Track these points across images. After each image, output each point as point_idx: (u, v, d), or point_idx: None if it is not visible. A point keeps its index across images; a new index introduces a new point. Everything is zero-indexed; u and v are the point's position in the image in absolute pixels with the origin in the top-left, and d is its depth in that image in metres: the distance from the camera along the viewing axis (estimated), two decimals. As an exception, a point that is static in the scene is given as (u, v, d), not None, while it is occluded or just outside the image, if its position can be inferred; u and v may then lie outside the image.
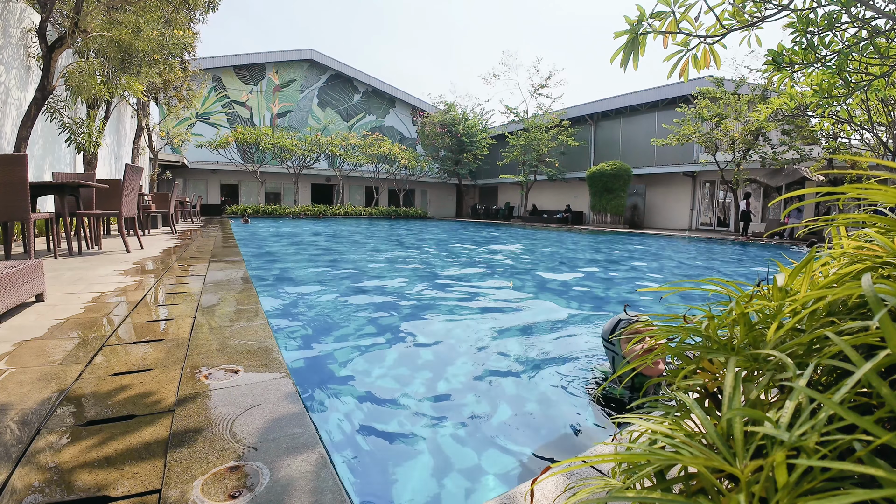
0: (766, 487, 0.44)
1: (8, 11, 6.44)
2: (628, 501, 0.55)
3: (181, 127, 22.01)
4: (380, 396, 2.10)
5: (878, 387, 0.42)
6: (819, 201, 4.15)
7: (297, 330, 3.14)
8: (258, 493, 0.95)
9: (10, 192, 3.83)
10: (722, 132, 15.11)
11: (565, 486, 0.97)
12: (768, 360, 0.62)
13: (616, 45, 1.81)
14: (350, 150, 25.35)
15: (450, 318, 3.56)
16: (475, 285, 5.09)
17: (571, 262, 7.66)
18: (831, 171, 12.05)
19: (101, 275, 3.65)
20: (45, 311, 2.42)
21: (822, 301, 0.61)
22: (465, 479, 1.50)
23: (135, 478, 1.00)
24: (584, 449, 1.70)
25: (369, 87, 31.59)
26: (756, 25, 1.87)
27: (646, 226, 21.07)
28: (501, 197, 31.53)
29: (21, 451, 1.09)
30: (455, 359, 2.66)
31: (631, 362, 1.59)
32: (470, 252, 8.89)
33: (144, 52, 6.88)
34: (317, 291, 4.49)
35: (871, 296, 0.47)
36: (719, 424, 0.53)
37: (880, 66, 2.31)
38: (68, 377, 1.54)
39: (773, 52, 2.17)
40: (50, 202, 7.37)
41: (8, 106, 6.40)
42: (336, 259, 7.08)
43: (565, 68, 55.35)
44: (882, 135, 8.78)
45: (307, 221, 19.28)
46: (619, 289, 5.29)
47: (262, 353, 1.83)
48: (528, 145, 23.30)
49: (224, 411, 1.32)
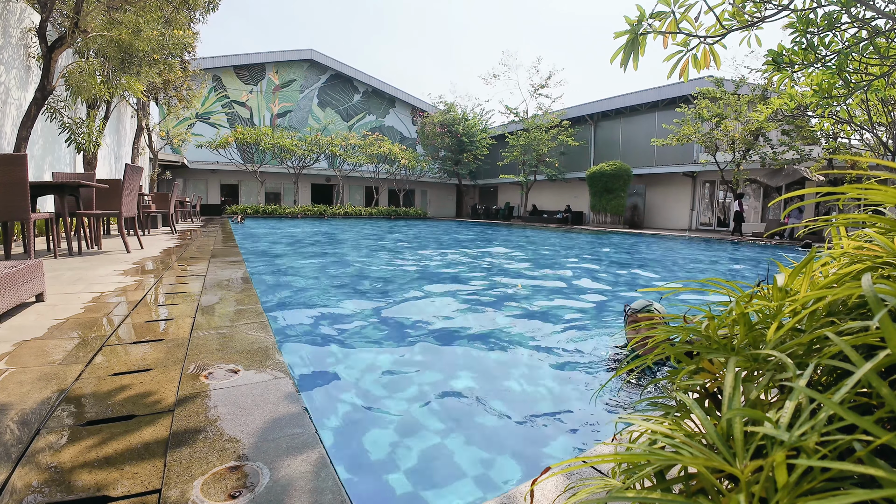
0: (765, 487, 0.44)
1: (8, 11, 6.44)
2: (628, 501, 0.55)
3: (181, 127, 22.00)
4: (380, 396, 2.10)
5: (878, 387, 0.42)
6: (819, 201, 4.16)
7: (297, 330, 3.14)
8: (258, 493, 0.95)
9: (10, 192, 3.83)
10: (722, 132, 15.12)
11: (565, 486, 0.97)
12: (768, 360, 0.62)
13: (616, 45, 1.81)
14: (350, 150, 25.35)
15: (451, 319, 3.56)
16: (476, 285, 5.09)
17: (572, 262, 7.66)
18: (831, 172, 12.05)
19: (101, 275, 3.65)
20: (45, 311, 2.42)
21: (822, 301, 0.61)
22: (466, 478, 1.50)
23: (135, 478, 1.00)
24: (584, 449, 1.70)
25: (369, 87, 31.59)
26: (756, 26, 1.87)
27: (646, 226, 21.07)
28: (501, 197, 31.53)
29: (21, 451, 1.09)
30: (456, 359, 2.66)
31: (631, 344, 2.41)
32: (469, 251, 8.89)
33: (144, 52, 6.87)
34: (317, 291, 4.49)
35: (871, 296, 0.47)
36: (719, 424, 0.53)
37: (880, 67, 2.31)
38: (68, 377, 1.54)
39: (773, 53, 2.17)
40: (50, 202, 7.36)
41: (8, 106, 6.40)
42: (336, 259, 7.08)
43: (565, 68, 55.39)
44: (882, 135, 8.78)
45: (306, 222, 19.27)
46: (620, 289, 5.29)
47: (262, 353, 1.83)
48: (528, 145, 23.30)
49: (224, 411, 1.32)
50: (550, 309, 4.04)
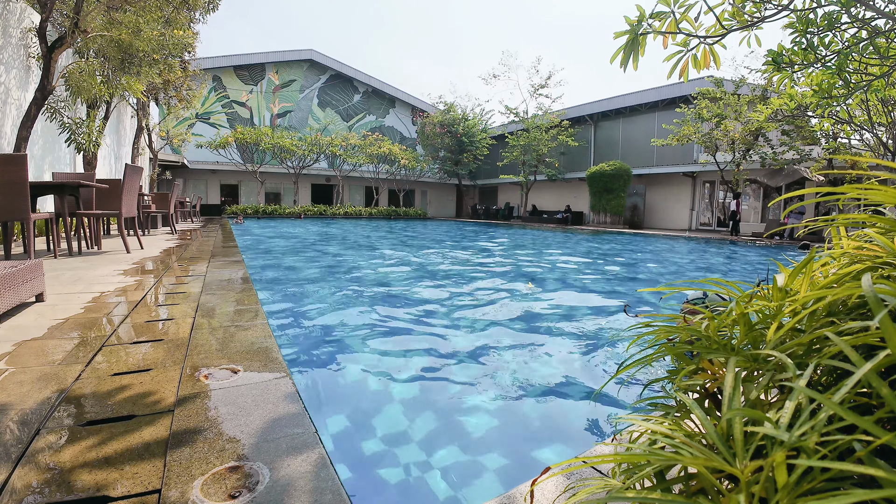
0: (765, 488, 0.44)
1: (8, 11, 6.44)
2: (628, 502, 0.55)
3: (181, 127, 22.00)
4: (380, 396, 2.10)
5: (878, 387, 0.42)
6: (819, 201, 4.16)
7: (297, 330, 3.14)
8: (258, 494, 0.95)
9: (10, 192, 3.83)
10: (722, 132, 15.12)
11: (565, 486, 0.97)
12: (768, 361, 0.62)
13: (616, 45, 1.81)
14: (350, 151, 25.35)
15: (451, 318, 3.56)
16: (476, 285, 5.09)
17: (572, 262, 7.66)
18: (831, 172, 12.04)
19: (101, 275, 3.65)
20: (45, 311, 2.42)
21: (821, 301, 0.61)
22: (466, 478, 1.50)
23: (134, 478, 0.99)
24: (584, 449, 1.70)
25: (369, 88, 31.59)
26: (756, 26, 1.87)
27: (646, 226, 21.07)
28: (501, 197, 31.53)
29: (21, 451, 1.09)
30: (456, 358, 2.66)
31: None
32: (470, 251, 8.89)
33: (144, 52, 6.87)
34: (317, 291, 4.49)
35: (871, 296, 0.47)
36: (719, 425, 0.53)
37: (880, 67, 2.31)
38: (68, 377, 1.54)
39: (772, 53, 2.17)
40: (50, 202, 7.36)
41: (8, 106, 6.40)
42: (336, 259, 7.08)
43: (565, 68, 55.30)
44: (882, 135, 8.77)
45: (306, 222, 19.27)
46: (619, 288, 5.29)
47: (262, 353, 1.83)
48: (527, 145, 23.30)
49: (224, 411, 1.32)
50: (550, 308, 4.04)
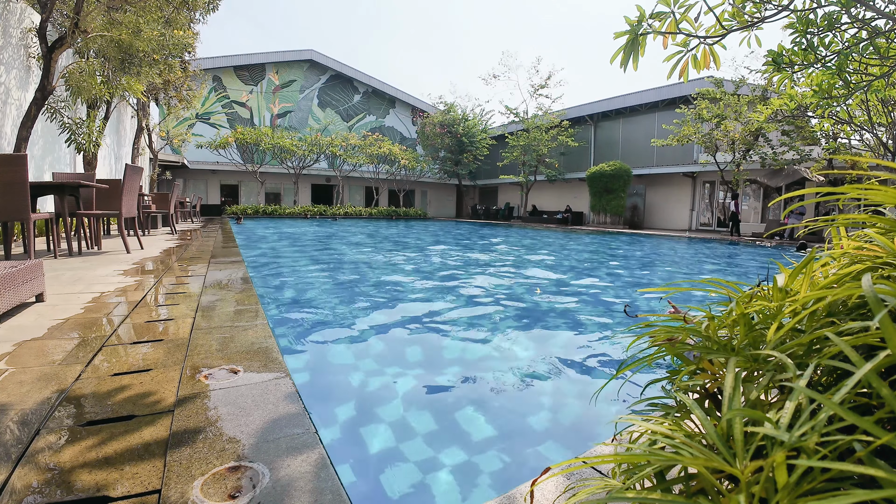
0: (766, 488, 0.44)
1: (8, 11, 6.44)
2: (628, 502, 0.55)
3: (181, 127, 21.99)
4: (381, 396, 2.10)
5: (878, 387, 0.42)
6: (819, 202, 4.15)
7: (297, 330, 3.14)
8: (258, 494, 0.95)
9: (10, 192, 3.83)
10: (722, 133, 15.12)
11: (565, 486, 0.97)
12: (768, 361, 0.62)
13: (616, 45, 1.81)
14: (350, 151, 25.34)
15: (452, 318, 3.56)
16: (476, 285, 5.09)
17: (572, 262, 7.66)
18: (831, 172, 12.04)
19: (101, 275, 3.65)
20: (45, 312, 2.42)
21: (822, 301, 0.61)
22: (466, 478, 1.50)
23: (134, 478, 0.99)
24: (584, 449, 1.70)
25: (369, 88, 31.58)
26: (756, 26, 1.87)
27: (646, 226, 21.06)
28: (501, 197, 31.52)
29: (21, 451, 1.09)
30: (456, 358, 2.66)
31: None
32: (470, 251, 8.89)
33: (144, 52, 6.88)
34: (317, 291, 4.49)
35: (871, 296, 0.47)
36: (719, 425, 0.53)
37: (880, 67, 2.31)
38: (68, 377, 1.54)
39: (773, 53, 2.17)
40: (50, 202, 7.36)
41: (8, 106, 6.40)
42: (336, 259, 7.08)
43: (565, 68, 55.33)
44: (882, 135, 8.78)
45: (307, 222, 19.27)
46: (619, 288, 5.29)
47: (262, 354, 1.83)
48: (527, 146, 23.29)
49: (224, 411, 1.32)
50: (550, 308, 4.04)
